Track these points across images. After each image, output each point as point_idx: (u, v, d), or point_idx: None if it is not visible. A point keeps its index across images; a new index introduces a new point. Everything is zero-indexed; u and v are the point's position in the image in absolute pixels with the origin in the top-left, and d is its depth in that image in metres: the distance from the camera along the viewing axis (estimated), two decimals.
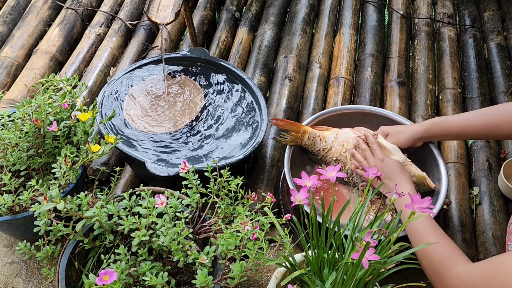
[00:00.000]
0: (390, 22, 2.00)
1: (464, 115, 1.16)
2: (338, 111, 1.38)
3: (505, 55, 1.85)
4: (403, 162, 1.24)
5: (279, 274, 0.98)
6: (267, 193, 1.00)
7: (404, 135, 1.24)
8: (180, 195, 1.13)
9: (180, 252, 0.94)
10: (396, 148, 1.25)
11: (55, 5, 1.87)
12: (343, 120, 1.37)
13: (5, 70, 1.64)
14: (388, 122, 1.35)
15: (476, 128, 1.12)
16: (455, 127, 1.16)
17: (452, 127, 1.16)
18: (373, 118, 1.37)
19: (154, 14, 1.33)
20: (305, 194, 0.84)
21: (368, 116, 1.38)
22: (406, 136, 1.23)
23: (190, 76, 1.50)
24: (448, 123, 1.17)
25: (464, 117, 1.16)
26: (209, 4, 1.96)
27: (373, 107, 1.42)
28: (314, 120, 1.34)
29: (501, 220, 1.37)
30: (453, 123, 1.16)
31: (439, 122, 1.19)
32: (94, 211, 0.95)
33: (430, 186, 1.23)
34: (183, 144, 1.34)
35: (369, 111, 1.38)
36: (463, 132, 1.15)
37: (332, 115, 1.37)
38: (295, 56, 1.77)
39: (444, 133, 1.19)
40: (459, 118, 1.16)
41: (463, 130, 1.14)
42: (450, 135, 1.21)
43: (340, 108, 1.40)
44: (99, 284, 0.80)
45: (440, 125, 1.19)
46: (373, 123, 1.35)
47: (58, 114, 1.12)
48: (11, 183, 1.06)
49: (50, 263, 1.04)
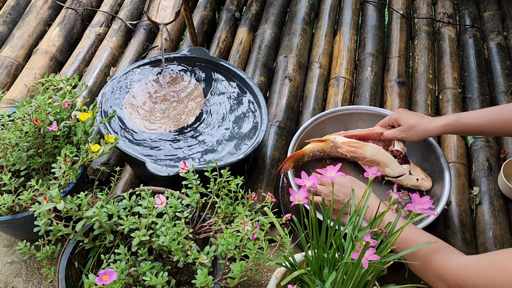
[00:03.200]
0: (390, 22, 2.00)
1: (480, 114, 1.14)
2: (338, 112, 1.38)
3: (505, 55, 1.85)
4: (400, 174, 1.25)
5: (279, 274, 0.98)
6: (267, 193, 1.00)
7: (415, 132, 1.20)
8: (180, 195, 1.13)
9: (180, 252, 0.94)
10: (393, 162, 1.25)
11: (55, 5, 1.87)
12: (343, 120, 1.37)
13: (5, 70, 1.64)
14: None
15: (492, 127, 1.11)
16: (470, 128, 1.14)
17: (468, 128, 1.14)
18: (372, 118, 1.36)
19: (154, 14, 1.33)
20: (304, 194, 0.84)
21: (366, 116, 1.37)
22: (417, 134, 1.20)
23: (190, 76, 1.50)
24: (463, 124, 1.14)
25: (479, 115, 1.13)
26: (209, 4, 1.96)
27: (373, 107, 1.42)
28: (314, 122, 1.34)
29: (501, 220, 1.37)
30: (468, 124, 1.14)
31: (454, 123, 1.15)
32: (94, 211, 0.95)
33: (426, 188, 1.26)
34: (183, 143, 1.34)
35: (368, 111, 1.38)
36: (478, 131, 1.14)
37: (332, 116, 1.37)
38: (295, 56, 1.77)
39: (459, 133, 1.17)
40: (475, 117, 1.14)
41: (479, 129, 1.13)
42: (464, 134, 1.19)
43: (341, 109, 1.40)
44: (99, 284, 0.80)
45: (455, 125, 1.16)
46: (373, 123, 1.35)
47: (58, 114, 1.12)
48: (11, 183, 1.06)
49: (50, 263, 1.04)
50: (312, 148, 1.28)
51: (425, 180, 1.26)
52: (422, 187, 1.26)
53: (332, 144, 1.28)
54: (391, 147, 1.27)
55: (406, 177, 1.25)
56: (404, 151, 1.26)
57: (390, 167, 1.25)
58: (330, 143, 1.28)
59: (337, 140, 1.28)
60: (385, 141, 1.29)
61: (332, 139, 1.28)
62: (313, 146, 1.28)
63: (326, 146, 1.28)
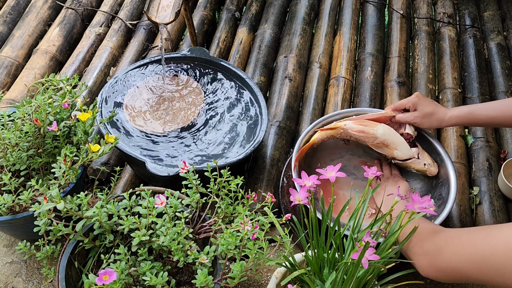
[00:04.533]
0: (390, 22, 2.00)
1: (492, 106, 1.16)
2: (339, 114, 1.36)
3: (505, 55, 1.85)
4: (409, 157, 1.24)
5: (279, 274, 0.98)
6: (267, 193, 1.00)
7: (428, 120, 1.21)
8: (180, 195, 1.13)
9: (180, 252, 0.94)
10: (404, 143, 1.23)
11: (55, 5, 1.87)
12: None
13: (5, 70, 1.65)
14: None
15: (504, 120, 1.13)
16: (482, 119, 1.16)
17: (480, 119, 1.16)
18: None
19: (154, 14, 1.33)
20: (304, 194, 0.84)
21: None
22: (430, 123, 1.21)
23: (190, 76, 1.50)
24: (475, 116, 1.17)
25: (491, 107, 1.15)
26: (209, 4, 1.96)
27: (373, 109, 1.42)
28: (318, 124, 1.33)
29: (501, 220, 1.37)
30: (480, 115, 1.16)
31: (466, 115, 1.18)
32: (94, 211, 0.95)
33: (432, 173, 1.25)
34: (183, 143, 1.34)
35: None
36: (490, 123, 1.16)
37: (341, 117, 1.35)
38: (295, 56, 1.77)
39: (470, 124, 1.20)
40: (487, 109, 1.16)
41: (491, 121, 1.15)
42: (476, 125, 1.21)
43: (350, 110, 1.37)
44: (99, 284, 0.80)
45: (467, 117, 1.18)
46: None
47: (58, 114, 1.12)
48: (11, 183, 1.06)
49: (50, 263, 1.04)
50: (321, 136, 1.25)
51: (432, 166, 1.25)
52: (429, 172, 1.25)
53: (342, 131, 1.25)
54: (401, 130, 1.26)
55: (414, 160, 1.24)
56: (414, 135, 1.25)
57: (400, 149, 1.23)
58: (340, 130, 1.25)
59: (348, 125, 1.25)
60: (395, 124, 1.28)
61: (343, 126, 1.25)
62: (321, 135, 1.25)
63: (336, 132, 1.26)
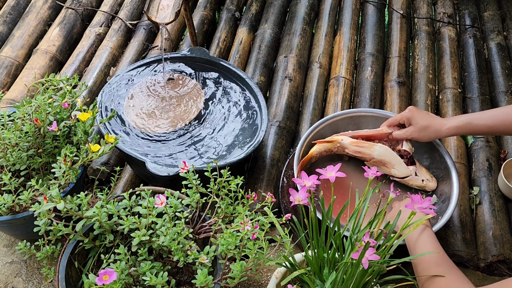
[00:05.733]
0: (390, 22, 2.00)
1: (490, 115, 1.15)
2: (350, 114, 1.37)
3: (505, 55, 1.85)
4: (406, 176, 1.25)
5: (279, 274, 0.98)
6: (267, 193, 1.00)
7: (426, 134, 1.20)
8: (180, 195, 1.13)
9: (180, 252, 0.94)
10: (400, 163, 1.25)
11: (55, 5, 1.87)
12: (342, 125, 1.36)
13: (5, 70, 1.65)
14: None
15: (503, 128, 1.12)
16: (481, 129, 1.15)
17: (478, 129, 1.15)
18: (377, 121, 1.35)
19: (154, 14, 1.33)
20: (304, 194, 0.84)
21: (371, 118, 1.36)
22: (428, 136, 1.20)
23: (190, 76, 1.50)
24: (474, 126, 1.15)
25: (489, 116, 1.14)
26: (209, 4, 1.96)
27: (374, 109, 1.41)
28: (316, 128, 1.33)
29: (501, 220, 1.37)
30: (479, 125, 1.14)
31: (465, 125, 1.16)
32: (94, 211, 0.95)
33: (431, 188, 1.26)
34: (183, 143, 1.34)
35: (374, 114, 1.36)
36: (489, 132, 1.16)
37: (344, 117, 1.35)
38: (295, 56, 1.77)
39: (469, 134, 1.21)
40: (485, 118, 1.14)
41: (490, 130, 1.14)
42: (475, 134, 1.21)
43: (352, 111, 1.38)
44: (99, 284, 0.80)
45: (466, 127, 1.16)
46: (374, 125, 1.35)
47: (58, 114, 1.12)
48: (11, 183, 1.06)
49: (50, 263, 1.04)
50: (319, 149, 1.27)
51: (430, 181, 1.26)
52: (427, 188, 1.26)
53: (339, 145, 1.27)
54: (399, 146, 1.26)
55: (412, 177, 1.25)
56: (412, 151, 1.26)
57: (397, 168, 1.25)
58: (337, 144, 1.27)
59: (344, 141, 1.27)
60: (392, 141, 1.29)
61: (340, 140, 1.27)
62: (320, 148, 1.27)
63: (333, 146, 1.28)
